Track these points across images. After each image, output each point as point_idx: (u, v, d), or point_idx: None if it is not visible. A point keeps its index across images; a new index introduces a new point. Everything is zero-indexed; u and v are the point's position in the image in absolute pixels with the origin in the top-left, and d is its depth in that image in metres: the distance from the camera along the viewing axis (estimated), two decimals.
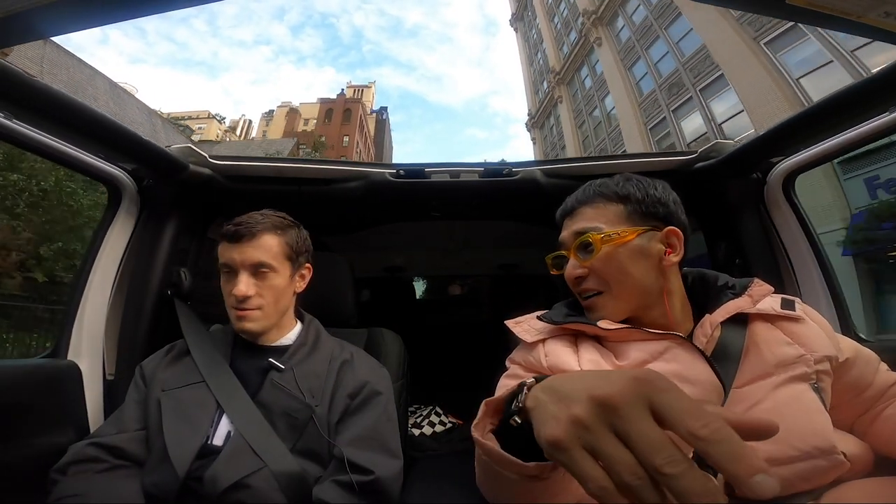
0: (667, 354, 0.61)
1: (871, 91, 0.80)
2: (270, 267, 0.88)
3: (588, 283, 0.68)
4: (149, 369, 0.90)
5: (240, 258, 0.87)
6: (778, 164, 1.12)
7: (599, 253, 0.65)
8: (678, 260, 0.68)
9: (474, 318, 2.71)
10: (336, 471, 0.80)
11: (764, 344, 0.64)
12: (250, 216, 0.90)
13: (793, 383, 0.61)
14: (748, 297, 0.66)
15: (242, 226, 0.88)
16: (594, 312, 0.68)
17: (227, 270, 0.89)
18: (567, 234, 0.70)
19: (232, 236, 0.88)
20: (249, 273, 0.87)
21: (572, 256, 0.69)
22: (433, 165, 1.24)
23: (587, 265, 0.67)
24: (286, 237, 0.92)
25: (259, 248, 0.88)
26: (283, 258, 0.91)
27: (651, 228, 0.66)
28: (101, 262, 1.09)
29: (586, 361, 0.64)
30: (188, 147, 1.15)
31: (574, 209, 0.71)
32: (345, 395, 0.87)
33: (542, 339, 0.69)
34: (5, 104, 0.78)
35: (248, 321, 0.87)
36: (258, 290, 0.87)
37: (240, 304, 0.86)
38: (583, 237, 0.67)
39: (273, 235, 0.90)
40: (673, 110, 12.91)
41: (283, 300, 0.91)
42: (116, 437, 0.81)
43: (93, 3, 0.49)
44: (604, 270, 0.66)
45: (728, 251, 1.20)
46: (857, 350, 0.70)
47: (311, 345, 0.93)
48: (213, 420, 0.82)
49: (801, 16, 0.52)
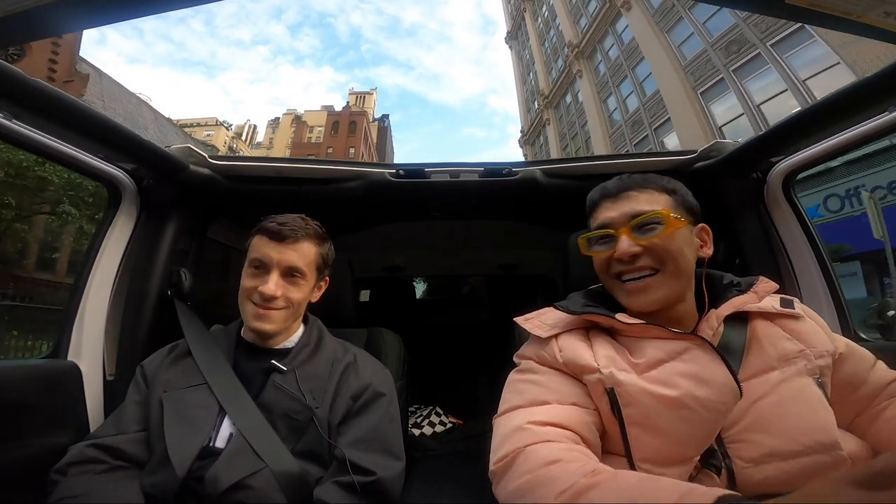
0: (685, 355, 0.61)
1: (870, 91, 0.80)
2: (302, 273, 0.88)
3: (642, 262, 0.67)
4: (150, 369, 0.90)
5: (277, 258, 0.87)
6: (778, 163, 1.12)
7: (665, 232, 0.66)
8: (710, 254, 0.71)
9: (474, 318, 2.71)
10: (337, 472, 0.80)
11: (766, 339, 0.65)
12: (294, 219, 0.90)
13: (797, 377, 0.61)
14: (753, 293, 0.67)
15: (287, 227, 0.88)
16: (644, 294, 0.67)
17: (259, 266, 0.87)
18: (617, 214, 0.70)
19: (275, 235, 0.87)
20: (281, 274, 0.87)
21: (625, 235, 0.68)
22: (433, 165, 1.24)
23: (644, 243, 0.67)
24: (322, 248, 0.93)
25: (298, 253, 0.88)
26: (314, 267, 0.91)
27: (693, 222, 0.71)
28: (101, 263, 1.09)
29: (602, 356, 0.64)
30: (188, 147, 1.14)
31: (620, 192, 0.72)
32: (347, 396, 0.87)
33: (555, 334, 0.69)
34: (6, 104, 0.78)
35: (267, 321, 0.86)
36: (284, 293, 0.87)
37: (264, 302, 0.86)
38: (648, 215, 0.67)
39: (313, 244, 0.91)
40: (634, 144, 15.09)
41: (300, 308, 0.92)
42: (116, 439, 0.81)
43: (93, 2, 0.49)
44: (666, 249, 0.66)
45: (728, 251, 1.20)
46: (849, 346, 0.71)
47: (313, 346, 0.93)
48: (215, 422, 0.82)
49: (802, 16, 0.52)
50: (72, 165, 0.99)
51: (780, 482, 0.55)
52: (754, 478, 0.56)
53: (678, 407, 0.57)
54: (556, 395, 0.63)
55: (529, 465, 0.52)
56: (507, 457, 0.55)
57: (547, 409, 0.61)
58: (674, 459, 0.57)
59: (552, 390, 0.64)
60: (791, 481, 0.56)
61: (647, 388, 0.59)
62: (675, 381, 0.59)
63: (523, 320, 0.75)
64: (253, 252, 0.89)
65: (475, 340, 2.32)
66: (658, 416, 0.58)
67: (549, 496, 0.47)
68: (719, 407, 0.57)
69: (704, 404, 0.57)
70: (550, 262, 2.12)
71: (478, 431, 1.83)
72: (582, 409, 0.62)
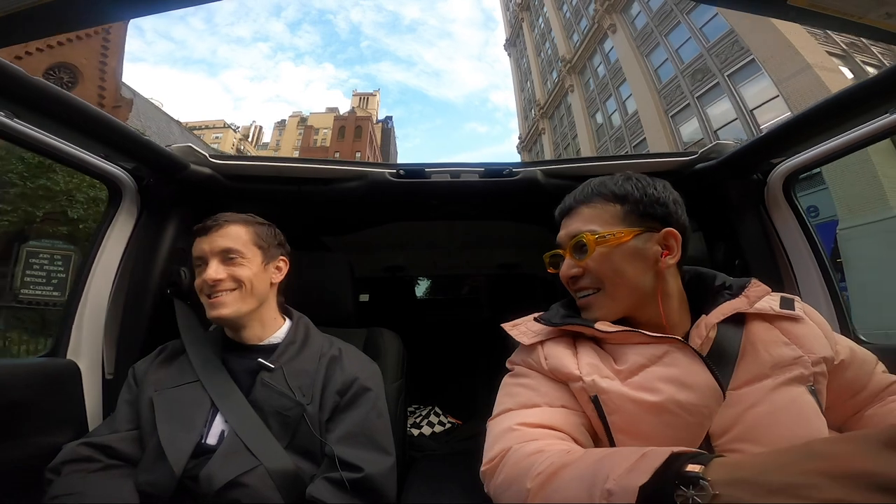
0: (666, 358, 0.61)
1: (871, 93, 0.80)
2: (239, 253, 0.89)
3: (583, 282, 0.68)
4: (140, 370, 0.91)
5: (209, 247, 0.88)
6: (778, 165, 1.12)
7: (594, 254, 0.65)
8: (675, 262, 0.67)
9: (474, 318, 2.71)
10: (328, 469, 0.80)
11: (761, 344, 0.63)
12: (220, 213, 0.93)
13: (790, 386, 0.60)
14: (744, 297, 0.65)
15: (210, 219, 0.91)
16: (589, 311, 0.69)
17: (200, 264, 0.90)
18: (564, 234, 0.71)
19: (201, 230, 0.90)
20: (219, 260, 0.88)
21: (568, 256, 0.69)
22: (433, 165, 1.24)
23: (582, 265, 0.67)
24: (254, 229, 0.94)
25: (226, 237, 0.89)
26: (251, 245, 0.92)
27: (647, 230, 0.66)
28: (101, 261, 1.09)
29: (585, 364, 0.63)
30: (188, 146, 1.15)
31: (571, 209, 0.71)
32: (334, 391, 0.87)
33: (540, 340, 0.69)
34: (6, 103, 0.78)
35: (221, 307, 0.87)
36: (229, 275, 0.88)
37: (212, 289, 0.87)
38: (577, 238, 0.67)
39: (240, 226, 0.92)
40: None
41: (258, 287, 0.91)
42: (108, 437, 0.82)
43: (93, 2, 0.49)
44: (598, 270, 0.66)
45: (728, 252, 1.20)
46: (852, 351, 0.69)
47: (300, 342, 0.93)
48: (207, 419, 0.82)
49: (802, 16, 0.52)
50: (72, 164, 0.99)
51: None
52: None
53: (661, 412, 0.57)
54: (547, 399, 0.63)
55: (515, 459, 0.54)
56: (497, 457, 0.56)
57: (537, 411, 0.62)
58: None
59: (542, 394, 0.64)
60: None
61: (629, 394, 0.59)
62: (657, 386, 0.58)
63: (510, 327, 0.75)
64: (193, 255, 0.91)
65: (475, 340, 2.32)
66: (642, 422, 0.57)
67: (526, 481, 0.49)
68: (702, 410, 0.57)
69: (687, 409, 0.57)
70: None
71: (476, 432, 1.82)
72: (572, 412, 0.62)
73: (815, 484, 0.29)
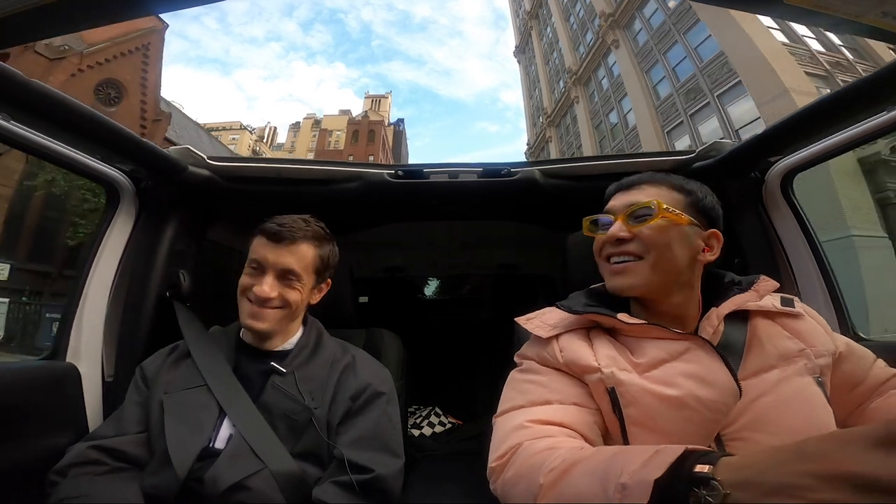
0: (687, 355, 0.62)
1: (869, 90, 0.81)
2: (298, 276, 0.88)
3: (628, 247, 0.69)
4: (151, 370, 0.90)
5: (273, 260, 0.86)
6: (776, 163, 1.12)
7: (655, 221, 0.67)
8: (712, 259, 0.71)
9: (474, 319, 2.71)
10: (336, 472, 0.80)
11: (766, 338, 0.65)
12: (295, 220, 0.90)
13: (797, 377, 0.62)
14: (754, 291, 0.68)
15: (285, 228, 0.87)
16: (621, 277, 0.69)
17: (256, 266, 0.88)
18: (619, 203, 0.72)
19: (272, 236, 0.87)
20: (276, 276, 0.87)
21: (620, 221, 0.70)
22: (432, 166, 1.24)
23: (635, 230, 0.68)
24: (322, 250, 0.92)
25: (294, 255, 0.87)
26: (311, 270, 0.90)
27: (698, 225, 0.70)
28: (100, 264, 1.09)
29: (603, 356, 0.64)
30: (186, 148, 1.14)
31: (634, 185, 0.74)
32: (346, 397, 0.87)
33: (556, 334, 0.70)
34: (4, 106, 0.78)
35: (261, 320, 0.86)
36: (280, 294, 0.87)
37: (259, 302, 0.86)
38: (644, 204, 0.68)
39: (311, 246, 0.90)
40: None
41: (297, 310, 0.91)
42: (117, 440, 0.81)
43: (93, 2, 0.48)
44: (651, 238, 0.67)
45: (726, 250, 1.20)
46: (849, 346, 0.71)
47: (312, 347, 0.93)
48: (215, 423, 0.82)
49: (801, 16, 0.52)
50: (70, 166, 0.99)
51: None
52: None
53: (680, 407, 0.58)
54: (558, 396, 0.63)
55: (526, 455, 0.54)
56: (507, 453, 0.56)
57: (548, 408, 0.62)
58: None
59: (554, 390, 0.64)
60: None
61: (648, 387, 0.59)
62: (677, 381, 0.59)
63: (525, 320, 0.75)
64: (252, 252, 0.89)
65: (475, 341, 2.32)
66: (660, 416, 0.58)
67: (538, 476, 0.49)
68: (720, 407, 0.58)
69: (706, 404, 0.57)
70: (550, 262, 2.12)
71: (477, 432, 1.83)
72: (584, 409, 0.62)
73: (807, 485, 0.30)
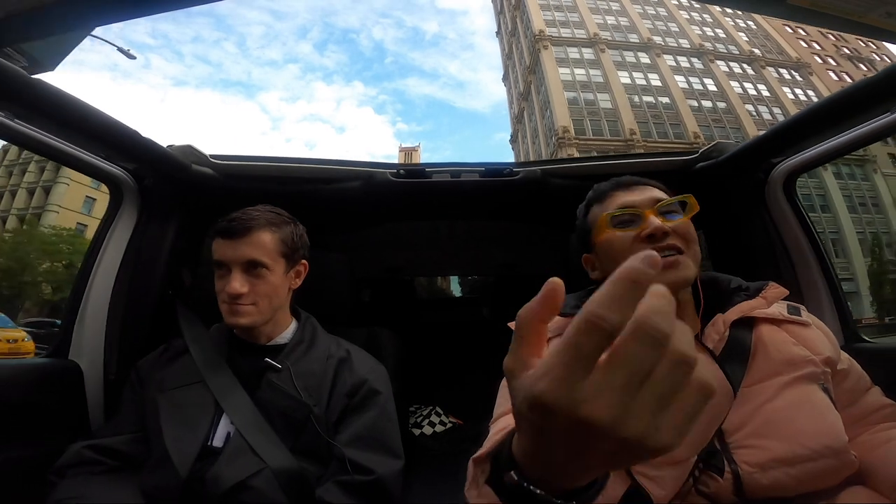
0: None
1: (872, 92, 0.80)
2: (264, 265, 0.86)
3: (671, 240, 0.67)
4: (144, 370, 0.90)
5: (233, 255, 0.84)
6: (779, 164, 1.12)
7: (689, 216, 0.69)
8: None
9: (475, 318, 2.70)
10: (338, 471, 0.80)
11: (772, 344, 0.64)
12: (245, 211, 0.88)
13: (802, 383, 0.61)
14: (762, 298, 0.67)
15: (236, 221, 0.85)
16: (676, 269, 0.66)
17: (220, 267, 0.86)
18: (640, 198, 0.71)
19: (225, 232, 0.85)
20: (242, 270, 0.85)
21: (653, 215, 0.68)
22: (434, 165, 1.24)
23: (672, 224, 0.68)
24: (281, 233, 0.90)
25: (253, 245, 0.85)
26: (277, 255, 0.88)
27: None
28: (103, 262, 1.09)
29: None
30: (189, 146, 1.15)
31: (638, 183, 0.74)
32: (343, 393, 0.87)
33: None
34: (7, 105, 0.78)
35: (239, 316, 0.84)
36: (252, 288, 0.85)
37: (232, 300, 0.84)
38: (680, 198, 0.70)
39: (268, 232, 0.87)
40: None
41: (277, 298, 0.89)
42: (112, 440, 0.81)
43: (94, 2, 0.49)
44: (687, 232, 0.68)
45: (729, 252, 1.20)
46: (851, 363, 0.70)
47: (307, 343, 0.93)
48: (212, 421, 0.82)
49: (803, 16, 0.52)
50: (73, 164, 0.99)
51: (787, 486, 0.55)
52: (761, 482, 0.56)
53: None
54: None
55: None
56: None
57: None
58: (668, 461, 0.57)
59: None
60: (799, 485, 0.55)
61: None
62: None
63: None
64: (213, 255, 0.87)
65: (475, 340, 2.32)
66: None
67: None
68: (714, 408, 0.58)
69: None
70: (551, 261, 2.11)
71: (477, 432, 1.82)
72: None
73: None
